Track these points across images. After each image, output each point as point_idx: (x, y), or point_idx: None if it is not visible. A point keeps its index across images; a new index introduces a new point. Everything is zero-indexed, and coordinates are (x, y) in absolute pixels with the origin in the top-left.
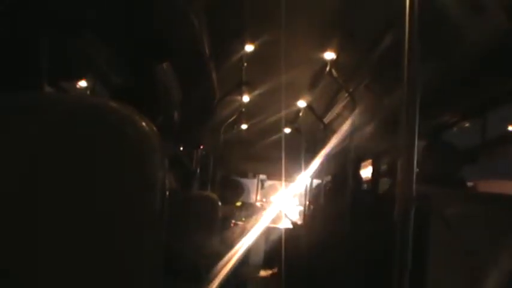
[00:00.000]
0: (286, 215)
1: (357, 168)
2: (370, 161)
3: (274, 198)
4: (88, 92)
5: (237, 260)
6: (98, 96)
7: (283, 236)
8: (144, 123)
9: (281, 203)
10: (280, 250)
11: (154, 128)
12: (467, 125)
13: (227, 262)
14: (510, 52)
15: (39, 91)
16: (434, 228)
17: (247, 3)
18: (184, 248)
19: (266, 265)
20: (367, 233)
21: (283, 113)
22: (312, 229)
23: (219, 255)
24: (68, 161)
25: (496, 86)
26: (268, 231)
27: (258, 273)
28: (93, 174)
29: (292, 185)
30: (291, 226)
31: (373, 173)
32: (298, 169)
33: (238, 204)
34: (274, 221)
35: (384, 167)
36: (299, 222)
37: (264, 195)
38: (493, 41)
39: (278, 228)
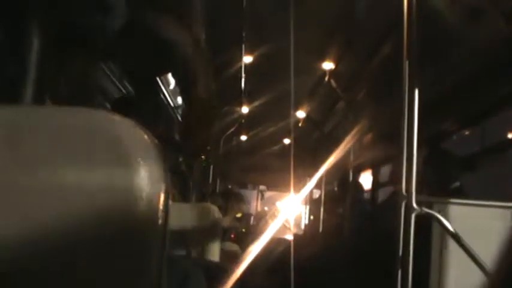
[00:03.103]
0: (287, 226)
1: (357, 177)
2: (370, 170)
3: (281, 205)
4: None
5: (239, 271)
6: (98, 108)
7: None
8: (145, 135)
9: (289, 211)
10: (282, 261)
11: (156, 140)
12: (466, 132)
13: (229, 273)
14: (508, 59)
15: (39, 104)
16: (435, 236)
17: (246, 15)
18: (185, 262)
19: (268, 275)
20: (368, 242)
21: (282, 124)
22: (313, 240)
23: (220, 267)
24: (67, 174)
25: (494, 93)
26: (272, 242)
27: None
28: (93, 187)
29: (292, 195)
30: (291, 237)
31: (373, 182)
32: (298, 179)
33: (239, 215)
34: (280, 231)
35: (384, 176)
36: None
37: (264, 207)
38: (491, 48)
39: (284, 240)
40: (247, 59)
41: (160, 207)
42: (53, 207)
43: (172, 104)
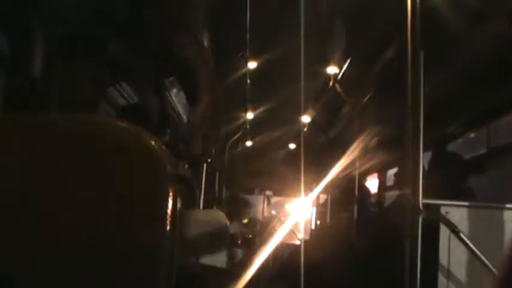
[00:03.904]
0: (294, 231)
1: (363, 181)
2: (376, 173)
3: (290, 208)
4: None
5: (246, 277)
6: (106, 115)
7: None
8: (153, 142)
9: (297, 216)
10: (290, 266)
11: (164, 147)
12: (472, 135)
13: (237, 279)
14: None
15: (49, 112)
16: (442, 238)
17: (250, 21)
18: (193, 267)
19: (274, 280)
20: (375, 246)
21: (286, 129)
22: (319, 244)
23: (229, 273)
24: (78, 180)
25: (499, 95)
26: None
27: None
28: (103, 193)
29: (301, 200)
30: (297, 242)
31: (379, 186)
32: (304, 184)
33: (245, 221)
34: (288, 236)
35: (390, 179)
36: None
37: (271, 212)
38: (495, 50)
39: (292, 245)
40: (252, 64)
41: (169, 213)
42: (60, 210)
43: (177, 111)
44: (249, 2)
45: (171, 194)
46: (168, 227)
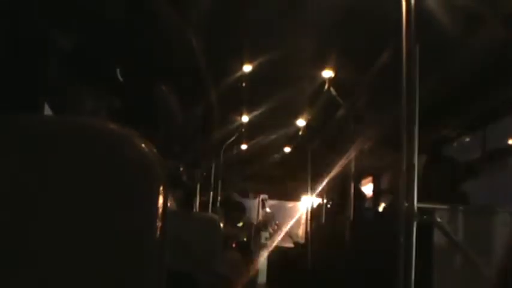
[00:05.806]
0: (290, 235)
1: (358, 185)
2: (371, 177)
3: (287, 211)
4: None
5: (241, 280)
6: (98, 117)
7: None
8: (144, 145)
9: (295, 218)
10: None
11: (155, 150)
12: (467, 139)
13: (231, 282)
14: (508, 65)
15: (38, 113)
16: (437, 242)
17: (245, 24)
18: (186, 270)
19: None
20: (370, 250)
21: (282, 132)
22: (315, 247)
23: (222, 276)
24: (67, 184)
25: (495, 99)
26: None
27: None
28: (92, 197)
29: (295, 203)
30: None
31: (374, 189)
32: (299, 188)
33: (240, 224)
34: (283, 240)
35: (385, 183)
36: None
37: (266, 215)
38: (491, 54)
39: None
40: (247, 68)
41: (159, 216)
42: (53, 210)
43: (172, 115)
44: (246, 4)
45: (161, 197)
46: (158, 230)
